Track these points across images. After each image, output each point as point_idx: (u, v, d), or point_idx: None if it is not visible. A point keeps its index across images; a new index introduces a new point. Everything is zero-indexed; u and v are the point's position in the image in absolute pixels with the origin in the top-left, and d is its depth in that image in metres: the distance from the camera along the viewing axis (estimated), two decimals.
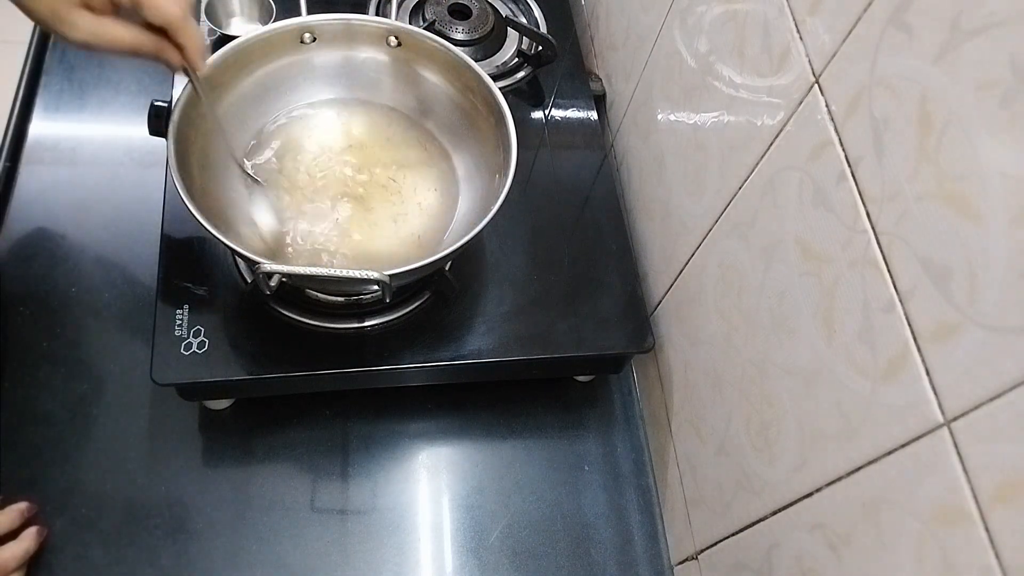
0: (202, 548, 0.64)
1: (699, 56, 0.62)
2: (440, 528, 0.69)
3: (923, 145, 0.37)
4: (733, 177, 0.57)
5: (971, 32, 0.34)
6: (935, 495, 0.37)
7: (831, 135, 0.45)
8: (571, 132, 0.82)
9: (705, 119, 0.62)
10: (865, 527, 0.43)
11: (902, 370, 0.39)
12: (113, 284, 0.74)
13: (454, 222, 0.67)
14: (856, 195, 0.43)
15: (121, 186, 0.79)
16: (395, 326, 0.66)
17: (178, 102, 0.59)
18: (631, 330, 0.69)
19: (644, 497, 0.73)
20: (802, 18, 0.48)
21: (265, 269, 0.52)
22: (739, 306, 0.57)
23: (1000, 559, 0.33)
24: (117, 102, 0.85)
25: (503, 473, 0.72)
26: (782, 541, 0.52)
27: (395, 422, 0.72)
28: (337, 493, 0.69)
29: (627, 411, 0.78)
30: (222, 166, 0.64)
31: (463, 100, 0.69)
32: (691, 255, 0.65)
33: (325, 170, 0.68)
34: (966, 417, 0.35)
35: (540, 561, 0.68)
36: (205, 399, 0.69)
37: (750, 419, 0.56)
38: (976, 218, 0.34)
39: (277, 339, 0.64)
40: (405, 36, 0.68)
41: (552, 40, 0.83)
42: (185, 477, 0.67)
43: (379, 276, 0.53)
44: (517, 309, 0.69)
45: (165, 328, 0.62)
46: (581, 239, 0.74)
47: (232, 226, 0.62)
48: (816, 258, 0.47)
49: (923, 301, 0.38)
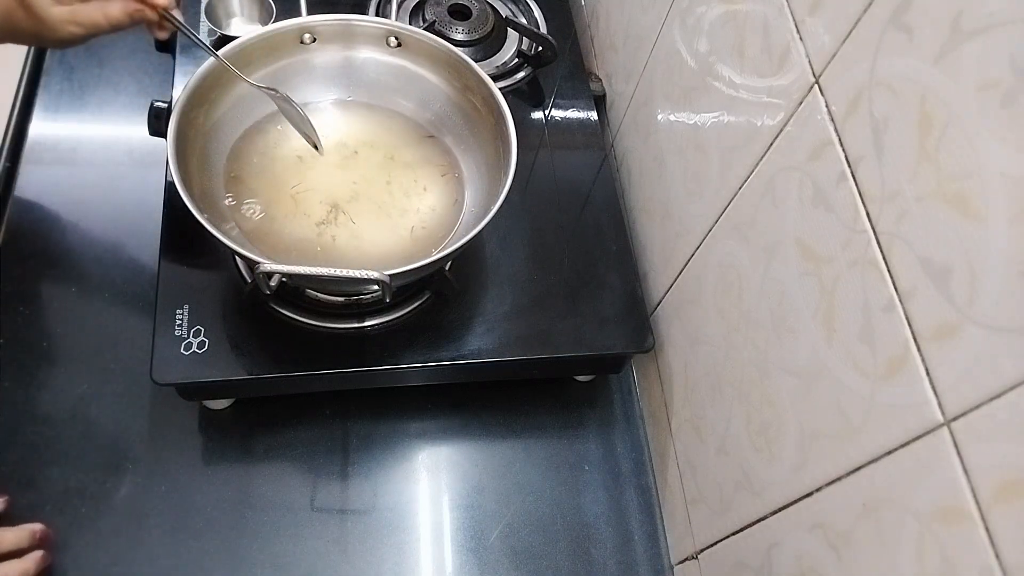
0: (202, 548, 0.64)
1: (699, 56, 0.62)
2: (440, 528, 0.69)
3: (923, 145, 0.37)
4: (733, 177, 0.57)
5: (971, 32, 0.34)
6: (935, 495, 0.37)
7: (831, 135, 0.45)
8: (571, 132, 0.82)
9: (705, 119, 0.62)
10: (865, 527, 0.43)
11: (902, 370, 0.39)
12: (113, 284, 0.74)
13: (454, 222, 0.67)
14: (856, 195, 0.43)
15: (121, 186, 0.79)
16: (395, 326, 0.66)
17: (178, 102, 0.59)
18: (631, 330, 0.69)
19: (644, 497, 0.73)
20: (802, 18, 0.48)
21: (265, 269, 0.52)
22: (739, 306, 0.57)
23: (1000, 559, 0.33)
24: (117, 102, 0.85)
25: (503, 473, 0.72)
26: (782, 541, 0.52)
27: (395, 422, 0.73)
28: (337, 493, 0.69)
29: (627, 411, 0.78)
30: (221, 166, 0.64)
31: (463, 100, 0.69)
32: (691, 255, 0.65)
33: (325, 171, 0.68)
34: (966, 417, 0.35)
35: (540, 561, 0.68)
36: (205, 399, 0.69)
37: (750, 419, 0.56)
38: (976, 218, 0.34)
39: (277, 339, 0.64)
40: (405, 36, 0.68)
41: (552, 40, 0.83)
42: (185, 477, 0.67)
43: (379, 276, 0.53)
44: (517, 309, 0.69)
45: (165, 328, 0.62)
46: (581, 239, 0.74)
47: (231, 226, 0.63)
48: (816, 258, 0.47)
49: (923, 301, 0.38)
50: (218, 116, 0.65)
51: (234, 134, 0.67)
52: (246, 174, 0.66)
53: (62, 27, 0.57)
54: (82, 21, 0.58)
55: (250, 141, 0.68)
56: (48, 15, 0.57)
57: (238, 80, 0.65)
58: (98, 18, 0.58)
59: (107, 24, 0.59)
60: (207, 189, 0.63)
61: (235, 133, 0.67)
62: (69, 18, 0.57)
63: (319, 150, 0.67)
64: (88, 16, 0.58)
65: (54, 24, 0.57)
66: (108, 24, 0.59)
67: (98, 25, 0.58)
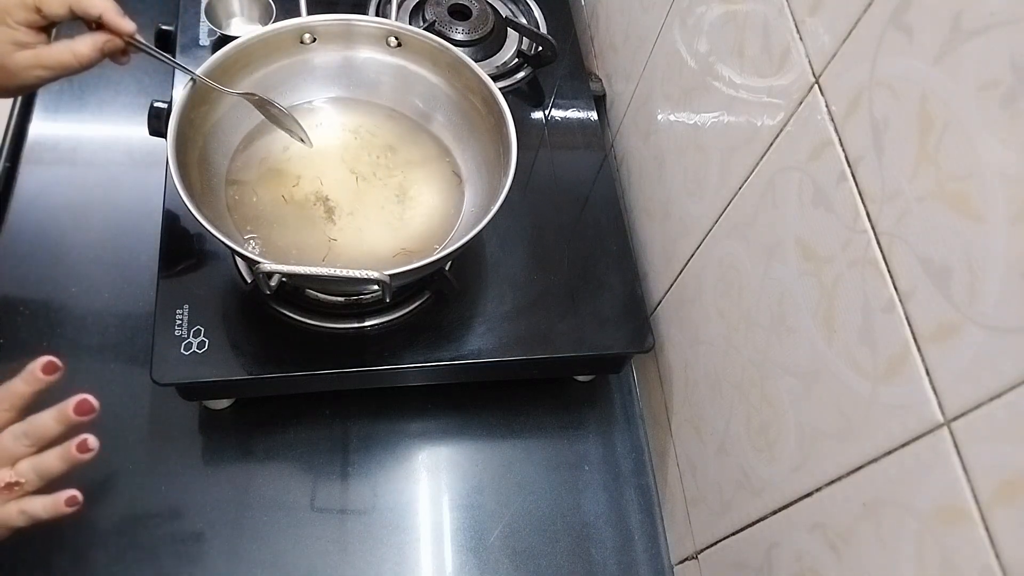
0: (202, 548, 0.64)
1: (699, 56, 0.62)
2: (440, 528, 0.69)
3: (923, 145, 0.37)
4: (733, 177, 0.57)
5: (971, 32, 0.34)
6: (935, 495, 0.37)
7: (831, 135, 0.45)
8: (571, 132, 0.82)
9: (705, 119, 0.62)
10: (865, 527, 0.43)
11: (902, 370, 0.39)
12: (113, 284, 0.74)
13: (454, 222, 0.67)
14: (856, 195, 0.43)
15: (121, 186, 0.79)
16: (395, 326, 0.66)
17: (178, 102, 0.59)
18: (631, 330, 0.69)
19: (644, 497, 0.73)
20: (802, 18, 0.48)
21: (265, 269, 0.52)
22: (739, 306, 0.57)
23: (1000, 559, 0.33)
24: (117, 102, 0.85)
25: (503, 473, 0.72)
26: (782, 541, 0.52)
27: (395, 422, 0.73)
28: (337, 493, 0.69)
29: (627, 411, 0.78)
30: (222, 166, 0.64)
31: (463, 100, 0.69)
32: (691, 255, 0.65)
33: (325, 171, 0.68)
34: (966, 417, 0.35)
35: (540, 561, 0.68)
36: (205, 399, 0.69)
37: (750, 419, 0.56)
38: (976, 218, 0.34)
39: (277, 339, 0.64)
40: (405, 36, 0.68)
41: (552, 40, 0.83)
42: (185, 477, 0.67)
43: (379, 276, 0.53)
44: (517, 309, 0.69)
45: (165, 328, 0.62)
46: (581, 239, 0.74)
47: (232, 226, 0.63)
48: (816, 258, 0.47)
49: (923, 301, 0.38)
50: (218, 116, 0.65)
51: (234, 134, 0.67)
52: (246, 174, 0.66)
53: (26, 73, 0.53)
54: (49, 64, 0.54)
55: (250, 141, 0.68)
56: (10, 63, 0.52)
57: (238, 81, 0.65)
58: (66, 59, 0.54)
59: (77, 64, 0.55)
60: (207, 189, 0.63)
61: (235, 133, 0.67)
62: (33, 63, 0.53)
63: (307, 143, 0.67)
64: (55, 58, 0.54)
65: (16, 71, 0.53)
66: (78, 63, 0.55)
67: (67, 66, 0.55)
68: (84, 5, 0.53)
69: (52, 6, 0.52)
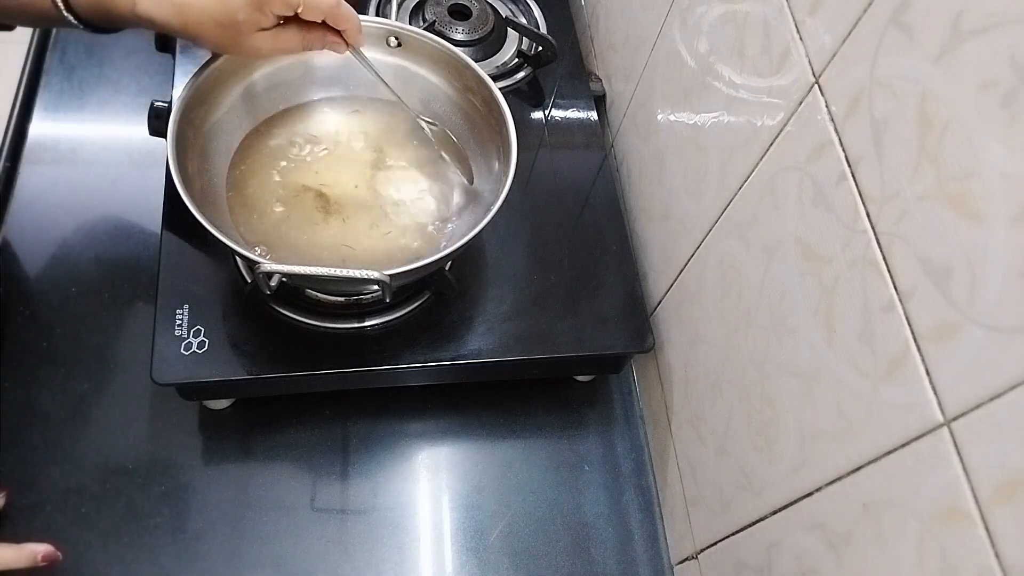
0: (202, 548, 0.64)
1: (699, 56, 0.62)
2: (440, 528, 0.69)
3: (923, 145, 0.37)
4: (733, 177, 0.57)
5: (971, 32, 0.34)
6: (935, 495, 0.37)
7: (831, 135, 0.45)
8: (571, 132, 0.82)
9: (705, 119, 0.62)
10: (865, 527, 0.43)
11: (902, 370, 0.39)
12: (113, 284, 0.74)
13: (454, 222, 0.67)
14: (856, 195, 0.43)
15: (121, 186, 0.79)
16: (395, 326, 0.66)
17: (178, 102, 0.59)
18: (631, 330, 0.69)
19: (644, 497, 0.73)
20: (802, 18, 0.48)
21: (265, 269, 0.52)
22: (739, 306, 0.57)
23: (1000, 559, 0.33)
24: (117, 102, 0.85)
25: (503, 473, 0.72)
26: (782, 541, 0.52)
27: (395, 422, 0.72)
28: (337, 493, 0.69)
29: (627, 411, 0.78)
30: (222, 166, 0.64)
31: (463, 100, 0.69)
32: (691, 255, 0.65)
33: (325, 171, 0.68)
34: (966, 417, 0.35)
35: (540, 561, 0.68)
36: (205, 399, 0.69)
37: (750, 419, 0.56)
38: (976, 218, 0.34)
39: (277, 339, 0.64)
40: (405, 36, 0.68)
41: (552, 40, 0.83)
42: (185, 477, 0.67)
43: (379, 276, 0.53)
44: (517, 309, 0.69)
45: (165, 328, 0.62)
46: (581, 239, 0.74)
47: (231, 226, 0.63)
48: (816, 258, 0.47)
49: (923, 301, 0.38)
50: (218, 116, 0.65)
51: (234, 134, 0.67)
52: (246, 174, 0.66)
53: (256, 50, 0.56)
54: (279, 50, 0.57)
55: (250, 141, 0.68)
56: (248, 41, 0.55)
57: (238, 81, 0.65)
58: (294, 45, 0.57)
59: (301, 50, 0.58)
60: (207, 189, 0.63)
61: (235, 133, 0.67)
62: (271, 45, 0.56)
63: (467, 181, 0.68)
64: (286, 43, 0.57)
65: (249, 49, 0.56)
66: (302, 50, 0.58)
67: (292, 51, 0.58)
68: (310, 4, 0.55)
69: (311, 12, 0.55)
